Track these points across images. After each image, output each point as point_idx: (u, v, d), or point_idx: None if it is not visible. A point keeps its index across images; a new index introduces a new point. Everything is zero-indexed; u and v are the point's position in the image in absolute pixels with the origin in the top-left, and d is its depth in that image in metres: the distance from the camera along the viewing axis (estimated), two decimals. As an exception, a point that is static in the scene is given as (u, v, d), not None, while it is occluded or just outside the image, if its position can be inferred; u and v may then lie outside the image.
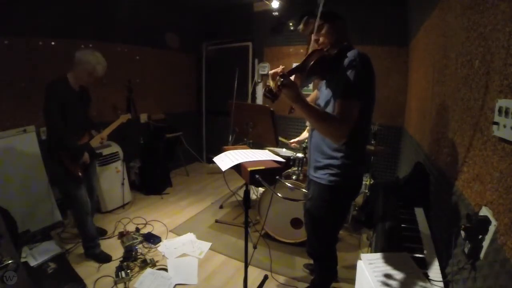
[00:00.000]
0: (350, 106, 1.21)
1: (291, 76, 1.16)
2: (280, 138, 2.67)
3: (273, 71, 1.14)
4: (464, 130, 1.21)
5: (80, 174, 2.07)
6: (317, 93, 1.61)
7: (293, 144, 2.17)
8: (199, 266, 2.19)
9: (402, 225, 1.37)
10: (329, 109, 1.32)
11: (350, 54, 1.23)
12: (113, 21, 3.27)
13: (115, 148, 3.06)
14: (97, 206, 2.81)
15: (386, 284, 0.99)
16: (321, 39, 1.34)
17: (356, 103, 1.22)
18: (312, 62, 1.21)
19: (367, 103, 1.28)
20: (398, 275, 1.02)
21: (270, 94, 1.11)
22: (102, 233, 2.55)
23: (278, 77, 1.10)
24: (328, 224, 1.52)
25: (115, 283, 1.92)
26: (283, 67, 1.14)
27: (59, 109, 1.91)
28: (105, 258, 2.17)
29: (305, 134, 2.26)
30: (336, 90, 1.27)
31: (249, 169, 1.15)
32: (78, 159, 2.07)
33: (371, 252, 1.58)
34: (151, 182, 3.56)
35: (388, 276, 1.02)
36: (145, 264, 2.11)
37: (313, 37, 1.35)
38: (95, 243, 2.21)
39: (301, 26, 1.43)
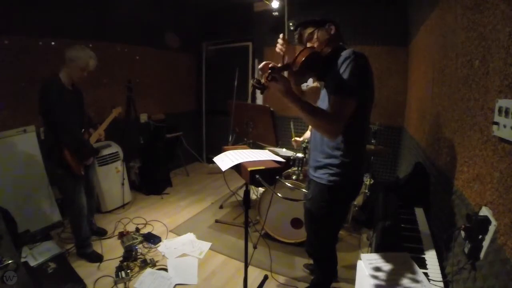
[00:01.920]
0: (343, 102, 1.21)
1: (281, 71, 1.17)
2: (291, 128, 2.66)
3: (263, 64, 1.16)
4: (464, 130, 1.21)
5: (82, 172, 2.09)
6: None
7: (293, 143, 2.17)
8: (199, 266, 2.19)
9: (402, 225, 1.37)
10: (325, 108, 1.33)
11: (345, 53, 1.23)
12: (113, 21, 3.27)
13: (115, 148, 3.06)
14: (97, 206, 2.82)
15: (386, 284, 0.99)
16: (315, 44, 1.35)
17: (350, 100, 1.21)
18: (303, 58, 1.21)
19: (365, 101, 1.28)
20: (398, 275, 1.02)
21: (258, 84, 1.12)
22: (102, 233, 2.55)
23: (268, 69, 1.12)
24: (328, 224, 1.52)
25: (115, 283, 1.92)
26: (269, 61, 1.17)
27: (62, 106, 1.94)
28: (96, 258, 2.17)
29: (307, 134, 2.26)
30: (331, 87, 1.27)
31: (249, 169, 1.16)
32: (89, 156, 2.12)
33: (371, 252, 1.58)
34: (151, 182, 3.56)
35: (388, 276, 1.02)
36: (145, 264, 2.11)
37: (308, 45, 1.37)
38: (87, 243, 2.21)
39: (296, 39, 1.45)
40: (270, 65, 1.13)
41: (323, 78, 1.39)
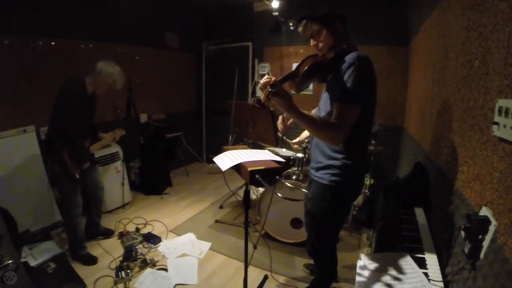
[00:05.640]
0: (347, 110, 1.21)
1: (283, 83, 1.15)
2: (281, 135, 2.67)
3: (263, 80, 1.13)
4: (464, 130, 1.21)
5: (77, 176, 2.07)
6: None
7: (295, 146, 2.17)
8: (199, 266, 2.19)
9: (402, 225, 1.37)
10: (328, 112, 1.32)
11: (349, 58, 1.21)
12: (113, 21, 3.27)
13: (115, 148, 3.06)
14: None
15: (386, 284, 0.99)
16: (320, 45, 1.34)
17: (354, 108, 1.21)
18: (305, 68, 1.20)
19: (367, 105, 1.27)
20: (398, 275, 1.02)
21: (258, 104, 1.11)
22: (109, 233, 2.54)
23: (268, 87, 1.09)
24: (328, 224, 1.52)
25: (115, 283, 1.92)
26: (269, 77, 1.13)
27: (75, 109, 1.96)
28: (90, 260, 2.16)
29: (305, 134, 2.26)
30: (334, 93, 1.27)
31: (249, 169, 1.15)
32: (81, 162, 2.09)
33: (371, 252, 1.58)
34: (151, 182, 3.56)
35: (388, 276, 1.03)
36: (145, 264, 2.11)
37: (311, 42, 1.36)
38: (82, 245, 2.20)
39: (300, 29, 1.41)
40: (271, 81, 1.10)
41: (326, 80, 1.38)
